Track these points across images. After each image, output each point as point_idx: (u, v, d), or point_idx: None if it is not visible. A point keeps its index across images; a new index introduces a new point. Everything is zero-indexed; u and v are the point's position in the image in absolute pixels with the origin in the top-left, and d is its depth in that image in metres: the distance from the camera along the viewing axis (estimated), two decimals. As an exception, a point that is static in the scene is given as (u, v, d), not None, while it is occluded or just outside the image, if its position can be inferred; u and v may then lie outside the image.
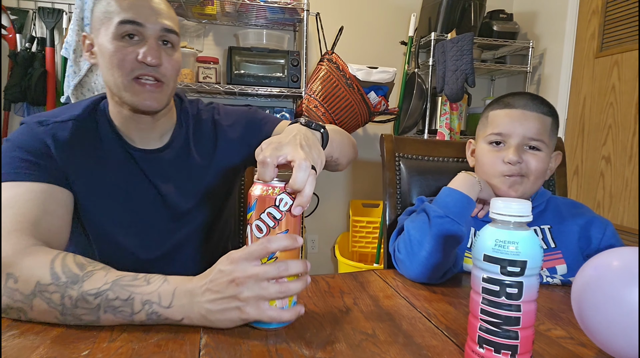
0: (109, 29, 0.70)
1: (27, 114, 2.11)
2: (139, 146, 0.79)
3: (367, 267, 2.21)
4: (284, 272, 0.51)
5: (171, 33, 0.74)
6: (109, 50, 0.70)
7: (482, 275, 0.45)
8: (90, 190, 0.74)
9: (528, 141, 0.81)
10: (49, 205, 0.66)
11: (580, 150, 2.13)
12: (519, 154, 0.80)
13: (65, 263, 0.55)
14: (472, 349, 0.46)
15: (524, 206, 0.43)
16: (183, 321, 0.53)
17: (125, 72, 0.71)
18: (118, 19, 0.69)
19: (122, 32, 0.70)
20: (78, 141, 0.74)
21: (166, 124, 0.82)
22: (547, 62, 2.35)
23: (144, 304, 0.52)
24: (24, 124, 0.74)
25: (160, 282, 0.54)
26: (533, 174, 0.81)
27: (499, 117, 0.85)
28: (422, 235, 0.75)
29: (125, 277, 0.54)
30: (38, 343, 0.49)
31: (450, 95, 2.06)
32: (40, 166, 0.69)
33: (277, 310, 0.52)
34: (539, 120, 0.82)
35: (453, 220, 0.73)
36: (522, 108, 0.83)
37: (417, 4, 2.43)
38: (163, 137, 0.82)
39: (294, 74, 2.12)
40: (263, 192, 0.53)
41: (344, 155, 0.85)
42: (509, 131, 0.82)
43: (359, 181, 2.63)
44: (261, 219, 0.53)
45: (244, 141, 0.89)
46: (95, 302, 0.52)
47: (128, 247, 0.78)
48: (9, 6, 2.07)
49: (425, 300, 0.69)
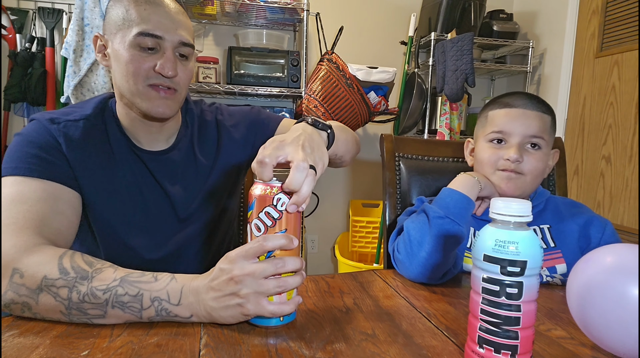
0: (127, 37, 0.70)
1: (27, 114, 2.11)
2: (146, 148, 0.80)
3: (367, 267, 2.21)
4: (281, 268, 0.52)
5: (187, 47, 0.74)
6: (125, 58, 0.71)
7: (482, 275, 0.45)
8: (99, 189, 0.75)
9: (529, 139, 0.82)
10: (60, 205, 0.67)
11: (581, 150, 2.13)
12: (520, 152, 0.81)
13: (74, 260, 0.56)
14: (472, 349, 0.46)
15: (524, 206, 0.43)
16: (192, 318, 0.55)
17: (141, 79, 0.71)
18: (137, 29, 0.69)
19: (141, 43, 0.70)
20: (89, 141, 0.74)
21: (173, 126, 0.83)
22: (547, 62, 2.35)
23: (152, 301, 0.53)
24: (36, 120, 0.74)
25: (168, 279, 0.55)
26: (531, 172, 0.82)
27: (499, 117, 0.85)
28: (421, 235, 0.75)
29: (133, 274, 0.56)
30: (38, 343, 0.49)
31: (450, 95, 2.06)
32: (52, 164, 0.69)
33: (277, 305, 0.53)
34: (539, 119, 0.82)
35: (453, 221, 0.73)
36: (522, 107, 0.83)
37: (417, 4, 2.43)
38: (169, 138, 0.83)
39: (294, 74, 2.12)
40: (262, 191, 0.53)
41: (348, 152, 0.86)
42: (509, 130, 0.83)
43: (359, 181, 2.63)
44: (260, 218, 0.53)
45: (248, 141, 0.89)
46: (104, 297, 0.53)
47: (135, 246, 0.79)
48: (9, 6, 2.07)
49: (425, 300, 0.69)
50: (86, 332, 0.52)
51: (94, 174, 0.74)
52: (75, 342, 0.50)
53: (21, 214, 0.61)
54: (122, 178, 0.77)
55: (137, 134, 0.79)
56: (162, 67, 0.71)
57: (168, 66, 0.71)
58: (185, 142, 0.84)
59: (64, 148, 0.71)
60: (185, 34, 0.73)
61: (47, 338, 0.50)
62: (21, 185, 0.64)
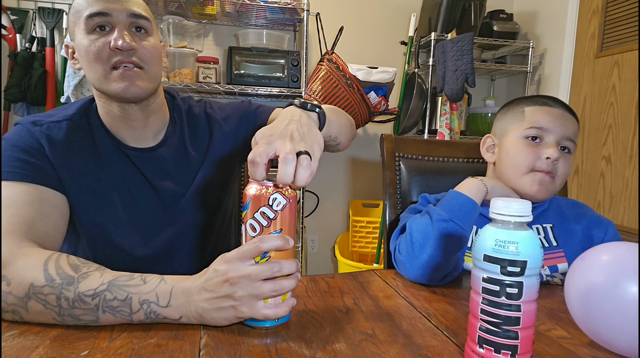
0: (81, 27, 0.71)
1: (27, 114, 2.11)
2: (132, 145, 0.79)
3: (367, 267, 2.21)
4: (277, 272, 0.52)
5: (141, 19, 0.73)
6: (84, 47, 0.71)
7: (482, 275, 0.45)
8: (84, 190, 0.74)
9: (565, 141, 0.81)
10: (45, 208, 0.66)
11: (581, 150, 2.13)
12: (559, 151, 0.80)
13: (59, 265, 0.55)
14: (472, 349, 0.46)
15: (524, 206, 0.43)
16: (181, 320, 0.54)
17: (103, 62, 0.71)
18: (86, 13, 0.70)
19: (91, 25, 0.70)
20: (72, 141, 0.74)
21: (158, 121, 0.82)
22: (548, 62, 2.35)
23: (142, 304, 0.53)
24: (19, 124, 0.74)
25: (157, 281, 0.54)
26: (562, 177, 0.81)
27: (539, 113, 0.83)
28: (424, 238, 0.74)
29: (121, 277, 0.54)
30: (37, 343, 0.49)
31: (451, 95, 2.06)
32: (35, 166, 0.69)
33: (271, 308, 0.53)
34: (574, 123, 0.83)
35: (457, 224, 0.72)
36: (562, 109, 0.84)
37: (417, 4, 2.43)
38: (157, 135, 0.82)
39: (294, 74, 2.12)
40: (257, 191, 0.53)
41: (343, 133, 0.83)
42: (550, 127, 0.81)
43: (359, 181, 2.62)
44: (255, 218, 0.53)
45: (239, 133, 0.89)
46: (93, 302, 0.52)
47: (124, 246, 0.78)
48: (9, 6, 2.07)
49: (425, 300, 0.69)
50: (86, 332, 0.52)
51: (79, 174, 0.74)
52: (75, 342, 0.50)
53: (6, 219, 0.60)
54: (108, 177, 0.77)
55: (121, 131, 0.78)
56: (115, 42, 0.69)
57: (119, 38, 0.69)
58: (174, 138, 0.83)
59: (47, 150, 0.71)
60: (134, 7, 0.73)
61: (47, 339, 0.50)
62: (5, 189, 0.64)
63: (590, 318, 0.52)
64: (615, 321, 0.49)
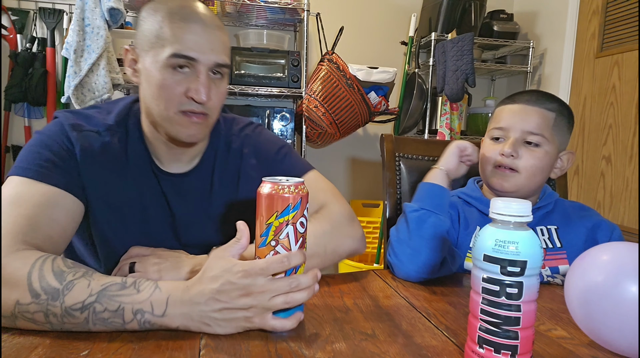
0: (159, 56, 0.66)
1: (27, 114, 2.12)
2: (165, 168, 0.77)
3: (367, 267, 2.21)
4: (295, 288, 0.53)
5: (223, 67, 0.70)
6: (156, 79, 0.67)
7: (482, 275, 0.45)
8: (104, 202, 0.72)
9: (527, 135, 0.81)
10: (56, 211, 0.64)
11: (581, 150, 2.13)
12: (515, 147, 0.81)
13: (43, 275, 0.52)
14: (472, 349, 0.46)
15: (524, 206, 0.43)
16: (179, 328, 0.53)
17: (173, 104, 0.68)
18: (171, 50, 0.65)
19: (174, 63, 0.66)
20: (106, 154, 0.72)
21: (198, 147, 0.79)
22: (548, 62, 2.35)
23: (135, 313, 0.51)
24: (59, 122, 0.71)
25: (151, 289, 0.53)
26: (527, 170, 0.81)
27: (502, 112, 0.86)
28: (402, 234, 0.78)
29: (112, 286, 0.52)
30: (37, 343, 0.49)
31: (451, 95, 2.06)
32: (62, 169, 0.67)
33: (280, 321, 0.53)
34: (539, 115, 0.81)
35: (429, 211, 0.76)
36: (524, 103, 0.83)
37: (418, 4, 2.42)
38: (193, 159, 0.80)
39: (294, 74, 2.12)
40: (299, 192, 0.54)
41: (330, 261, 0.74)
42: (508, 125, 0.83)
43: (359, 181, 2.62)
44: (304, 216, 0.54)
45: None
46: (82, 316, 0.50)
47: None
48: (9, 6, 2.08)
49: (425, 300, 0.69)
50: (86, 332, 0.52)
51: (103, 186, 0.72)
52: (75, 342, 0.50)
53: (11, 218, 0.59)
54: (131, 193, 0.74)
55: (160, 154, 0.76)
56: (195, 92, 0.67)
57: (201, 91, 0.67)
58: (207, 166, 0.80)
59: (79, 158, 0.69)
60: (221, 54, 0.69)
61: (47, 338, 0.50)
62: (22, 187, 0.63)
63: (590, 318, 0.52)
64: (615, 321, 0.49)
